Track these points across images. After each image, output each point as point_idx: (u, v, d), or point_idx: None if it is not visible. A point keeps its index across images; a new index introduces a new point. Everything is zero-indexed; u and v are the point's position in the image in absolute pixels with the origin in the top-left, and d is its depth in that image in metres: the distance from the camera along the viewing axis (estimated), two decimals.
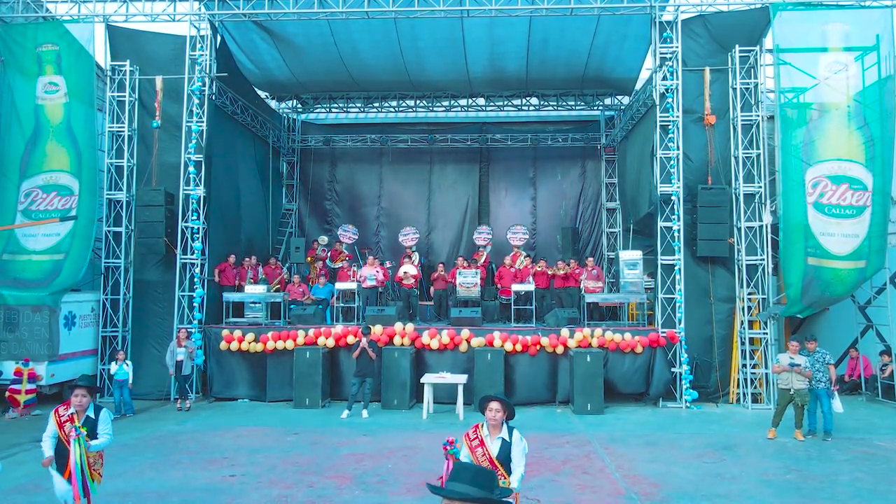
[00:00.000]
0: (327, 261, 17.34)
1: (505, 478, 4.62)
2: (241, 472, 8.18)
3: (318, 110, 20.23)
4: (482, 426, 4.88)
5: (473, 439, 4.83)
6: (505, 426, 4.82)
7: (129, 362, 12.52)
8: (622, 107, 18.78)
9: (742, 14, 13.61)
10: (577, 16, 13.71)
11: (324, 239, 17.78)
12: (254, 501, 7.13)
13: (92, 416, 5.79)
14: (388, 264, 16.93)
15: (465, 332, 13.14)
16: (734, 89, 13.49)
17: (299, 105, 20.01)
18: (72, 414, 5.74)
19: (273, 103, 19.58)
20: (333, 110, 20.05)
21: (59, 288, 12.95)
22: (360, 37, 15.32)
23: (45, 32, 14.21)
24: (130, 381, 12.38)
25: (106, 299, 14.05)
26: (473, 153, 19.96)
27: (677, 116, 13.39)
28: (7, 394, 12.23)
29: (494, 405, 4.81)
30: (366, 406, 11.96)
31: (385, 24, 14.55)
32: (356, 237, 18.76)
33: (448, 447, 4.76)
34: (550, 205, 19.83)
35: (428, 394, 12.07)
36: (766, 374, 12.97)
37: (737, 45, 13.38)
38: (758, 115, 13.46)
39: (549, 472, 8.24)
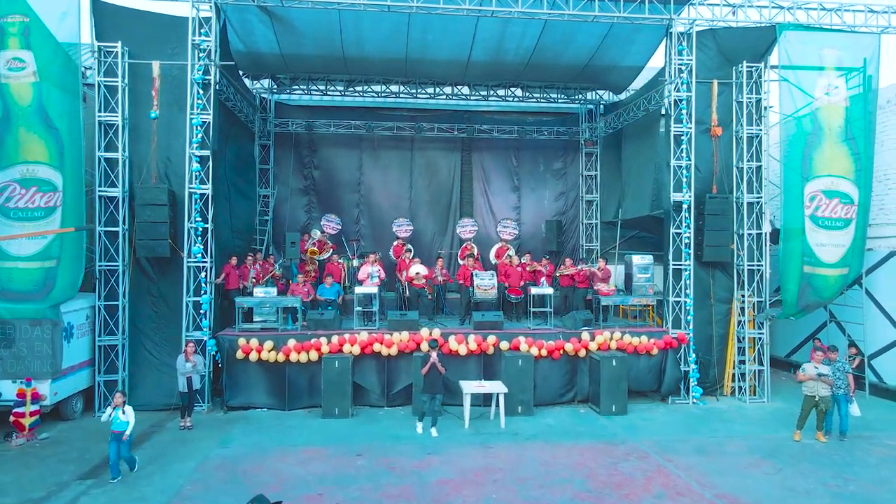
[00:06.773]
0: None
1: None
2: None
3: (294, 91, 19.07)
4: None
5: None
6: None
7: (129, 407, 9.47)
8: (604, 102, 19.25)
9: (749, 31, 14.27)
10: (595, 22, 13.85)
11: (316, 233, 17.15)
12: None
13: None
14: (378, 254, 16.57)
15: (492, 338, 13.30)
16: (739, 103, 14.25)
17: (274, 85, 18.79)
18: None
19: (247, 81, 18.25)
20: (312, 92, 18.98)
21: (57, 301, 11.75)
22: (368, 25, 14.59)
23: (12, 3, 12.45)
24: (128, 432, 9.26)
25: (101, 305, 12.92)
26: (456, 142, 19.68)
27: (690, 127, 13.96)
28: (11, 418, 11.08)
29: None
30: (434, 423, 11.57)
31: (399, 14, 13.94)
32: (339, 227, 18.27)
33: None
34: (534, 196, 20.08)
35: (467, 402, 12.18)
36: (760, 370, 14.19)
37: (744, 61, 14.08)
38: (759, 129, 14.31)
39: (649, 495, 8.72)
